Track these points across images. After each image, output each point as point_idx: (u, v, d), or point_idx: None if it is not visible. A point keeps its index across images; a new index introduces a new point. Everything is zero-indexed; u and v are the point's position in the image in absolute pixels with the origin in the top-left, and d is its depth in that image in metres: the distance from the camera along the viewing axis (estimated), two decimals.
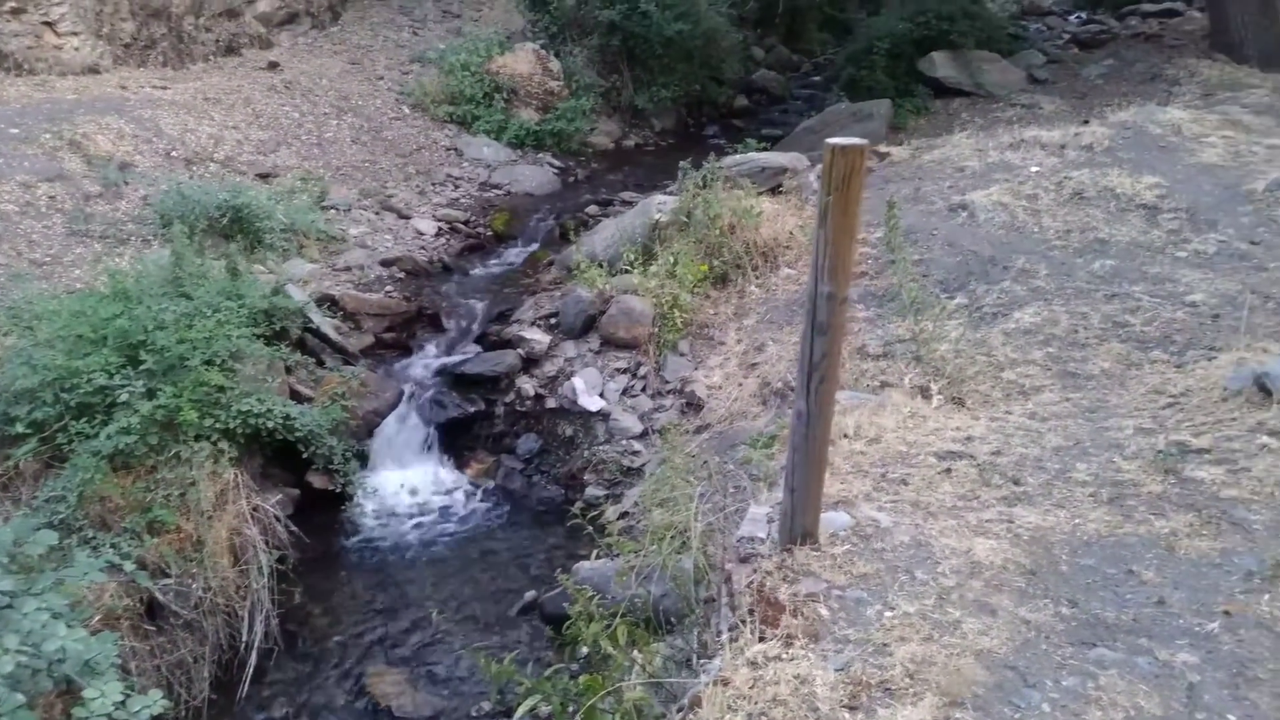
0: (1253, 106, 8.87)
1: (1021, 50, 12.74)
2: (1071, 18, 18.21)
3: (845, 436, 3.95)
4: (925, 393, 4.65)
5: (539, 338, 6.74)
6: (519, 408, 6.48)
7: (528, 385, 6.49)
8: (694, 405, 6.21)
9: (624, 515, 5.34)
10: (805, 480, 2.58)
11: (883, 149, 9.61)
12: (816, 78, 14.54)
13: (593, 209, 9.36)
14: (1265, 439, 3.46)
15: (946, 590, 2.53)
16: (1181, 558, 2.68)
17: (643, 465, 5.98)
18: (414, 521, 5.92)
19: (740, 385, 6.10)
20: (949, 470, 3.41)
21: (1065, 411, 4.47)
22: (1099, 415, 4.33)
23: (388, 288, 7.48)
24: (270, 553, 4.90)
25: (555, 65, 11.36)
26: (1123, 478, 3.24)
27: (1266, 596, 2.48)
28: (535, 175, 10.23)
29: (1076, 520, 2.93)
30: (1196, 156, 7.52)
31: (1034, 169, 7.73)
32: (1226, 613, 2.41)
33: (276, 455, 5.53)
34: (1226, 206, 6.69)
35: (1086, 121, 8.74)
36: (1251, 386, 4.07)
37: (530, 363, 6.64)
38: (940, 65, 11.43)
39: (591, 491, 5.96)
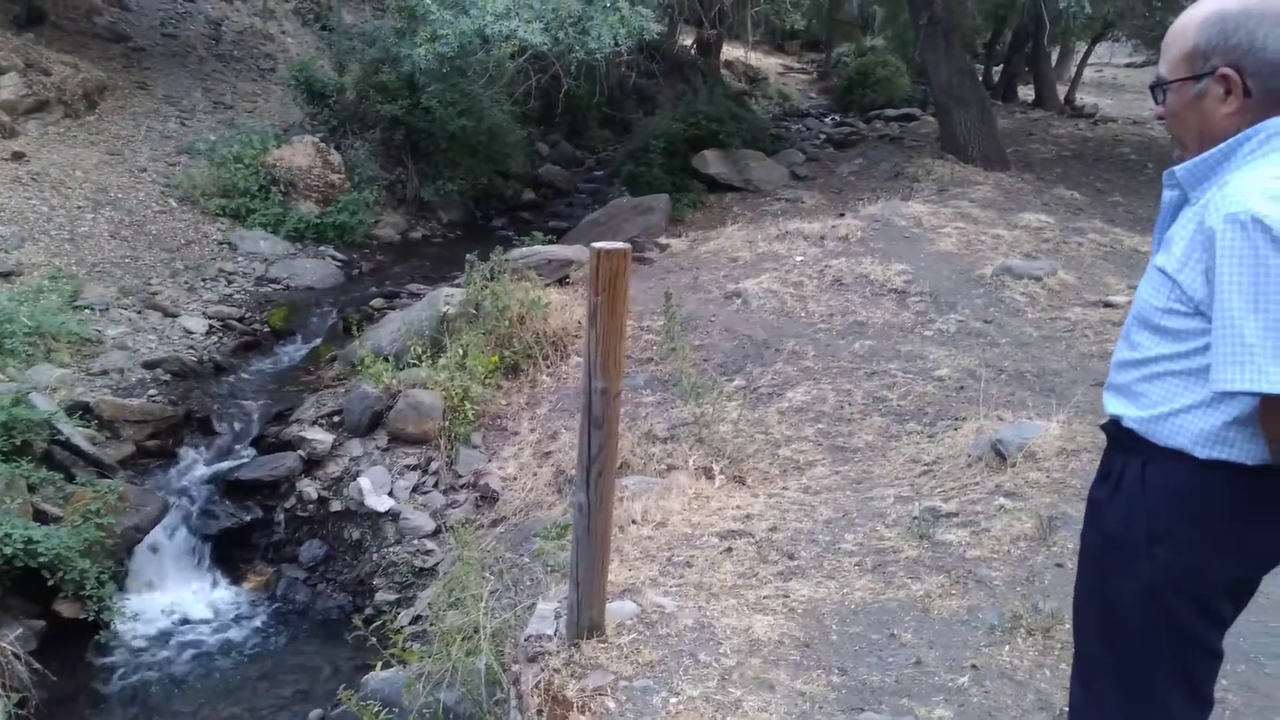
0: (979, 201, 10.06)
1: (784, 149, 13.85)
2: (827, 120, 20.07)
3: (634, 522, 4.02)
4: (709, 473, 4.83)
5: (322, 437, 6.45)
6: (301, 513, 6.14)
7: (310, 488, 6.18)
8: (488, 498, 6.12)
9: (417, 619, 5.13)
10: (590, 573, 2.61)
11: (663, 241, 10.08)
12: (599, 172, 15.11)
13: (378, 302, 9.17)
14: (1002, 500, 3.85)
15: (728, 670, 2.61)
16: (935, 618, 2.91)
17: (436, 565, 5.80)
18: (183, 646, 5.41)
19: (535, 475, 6.08)
20: (730, 549, 3.55)
21: (835, 484, 4.77)
22: (864, 486, 4.66)
23: (151, 391, 6.94)
24: (7, 697, 4.33)
25: (336, 158, 11.18)
26: (884, 545, 3.49)
27: (1007, 648, 2.73)
28: (317, 269, 9.92)
29: (845, 589, 3.12)
30: (936, 245, 8.39)
31: (799, 258, 8.35)
32: (974, 666, 2.63)
33: (17, 584, 4.93)
34: (963, 290, 7.48)
35: (842, 214, 9.56)
36: (990, 452, 4.53)
37: (312, 464, 6.33)
38: (712, 162, 12.21)
39: (382, 596, 5.70)
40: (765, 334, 6.99)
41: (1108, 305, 7.02)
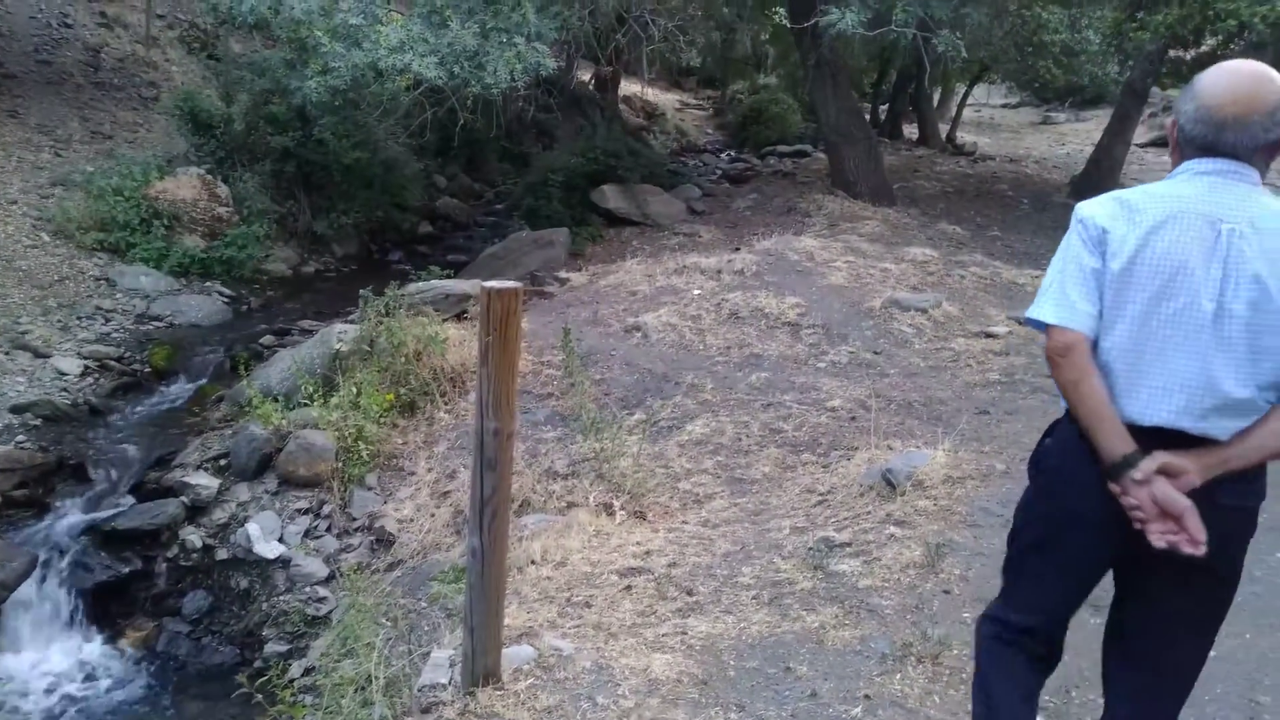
0: (868, 235, 10.41)
1: (681, 184, 14.08)
2: (723, 155, 20.52)
3: (533, 562, 3.98)
4: (609, 509, 4.82)
5: (207, 482, 6.18)
6: (184, 563, 5.85)
7: (194, 536, 5.90)
8: (384, 541, 5.96)
9: (309, 670, 4.95)
10: (485, 618, 2.56)
11: (563, 274, 10.09)
12: (499, 206, 15.06)
13: (269, 339, 8.89)
14: (892, 529, 3.95)
15: (626, 712, 2.60)
16: (829, 649, 2.96)
17: (330, 613, 5.60)
18: (56, 708, 5.07)
19: (433, 516, 5.96)
20: (629, 587, 3.54)
21: (734, 516, 4.82)
22: (762, 517, 4.72)
23: (19, 438, 6.54)
24: None
25: (224, 190, 10.83)
26: (781, 577, 3.54)
27: (898, 676, 2.80)
28: (203, 305, 9.56)
29: (742, 624, 3.15)
30: (827, 279, 8.63)
31: (696, 292, 8.47)
32: (867, 696, 2.69)
33: None
34: (854, 322, 7.70)
35: (738, 249, 9.76)
36: (881, 481, 4.65)
37: (197, 511, 6.05)
38: (611, 197, 12.32)
39: (272, 648, 5.46)
40: (665, 367, 7.05)
41: (989, 336, 7.33)
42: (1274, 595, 3.48)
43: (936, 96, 23.08)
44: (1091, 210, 1.92)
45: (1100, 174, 14.02)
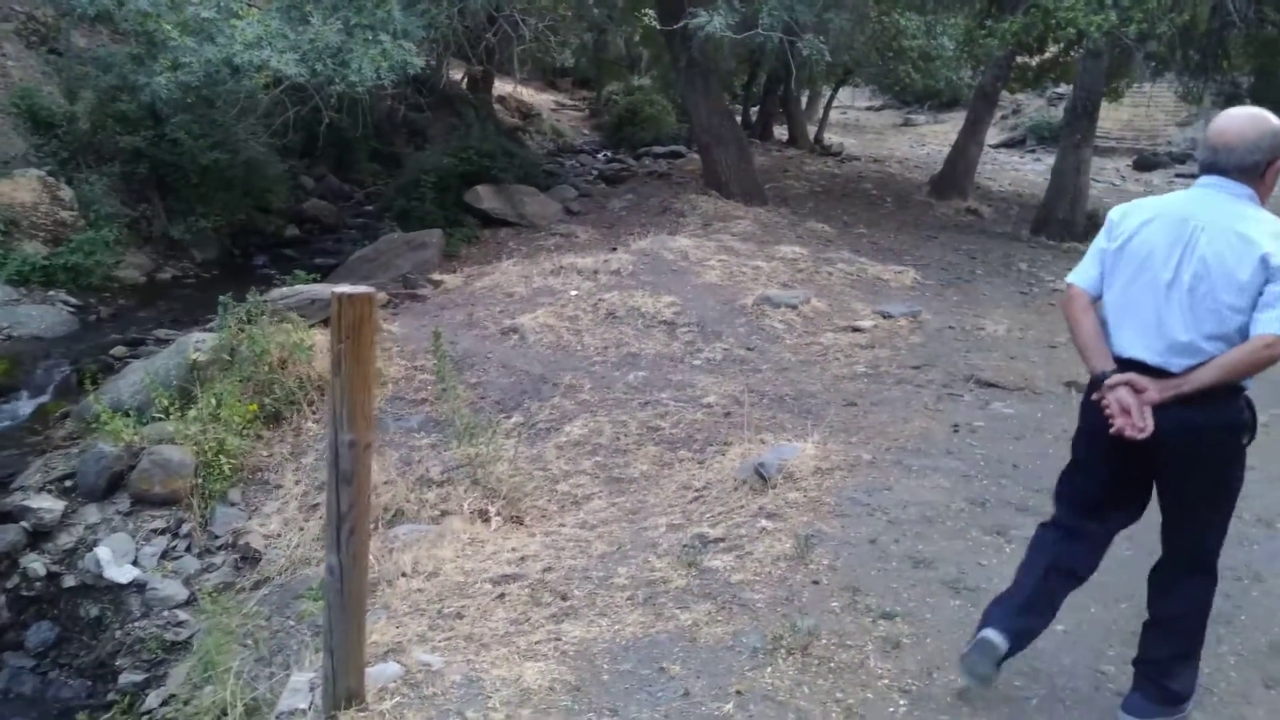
0: (740, 234, 10.60)
1: (557, 185, 14.02)
2: (599, 156, 20.54)
3: (404, 575, 3.87)
4: (484, 516, 4.73)
5: (50, 505, 5.77)
6: (26, 592, 5.44)
7: (37, 564, 5.50)
8: (250, 559, 5.69)
9: (169, 699, 4.67)
10: (345, 638, 2.46)
11: (437, 276, 9.89)
12: (370, 207, 14.64)
13: (120, 350, 8.37)
14: (764, 522, 4.02)
15: None
16: (702, 646, 2.98)
17: (190, 637, 5.31)
18: None
19: (301, 530, 5.72)
20: (503, 595, 3.48)
21: (611, 516, 4.81)
22: (639, 516, 4.73)
23: None
24: None
25: (68, 193, 10.14)
26: (655, 576, 3.54)
27: (769, 669, 2.83)
28: (45, 316, 8.93)
29: (616, 626, 3.13)
30: (702, 277, 8.75)
31: (573, 292, 8.44)
32: (739, 692, 2.71)
33: None
34: (727, 319, 7.83)
35: (614, 249, 9.77)
36: (754, 475, 4.73)
37: (40, 536, 5.64)
38: (485, 198, 12.15)
39: (128, 678, 5.13)
40: (542, 369, 6.99)
41: (856, 330, 7.57)
42: (1117, 569, 3.69)
43: (805, 99, 23.74)
44: (1115, 209, 2.67)
45: (956, 173, 14.69)
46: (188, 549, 5.82)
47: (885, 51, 18.05)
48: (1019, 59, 14.43)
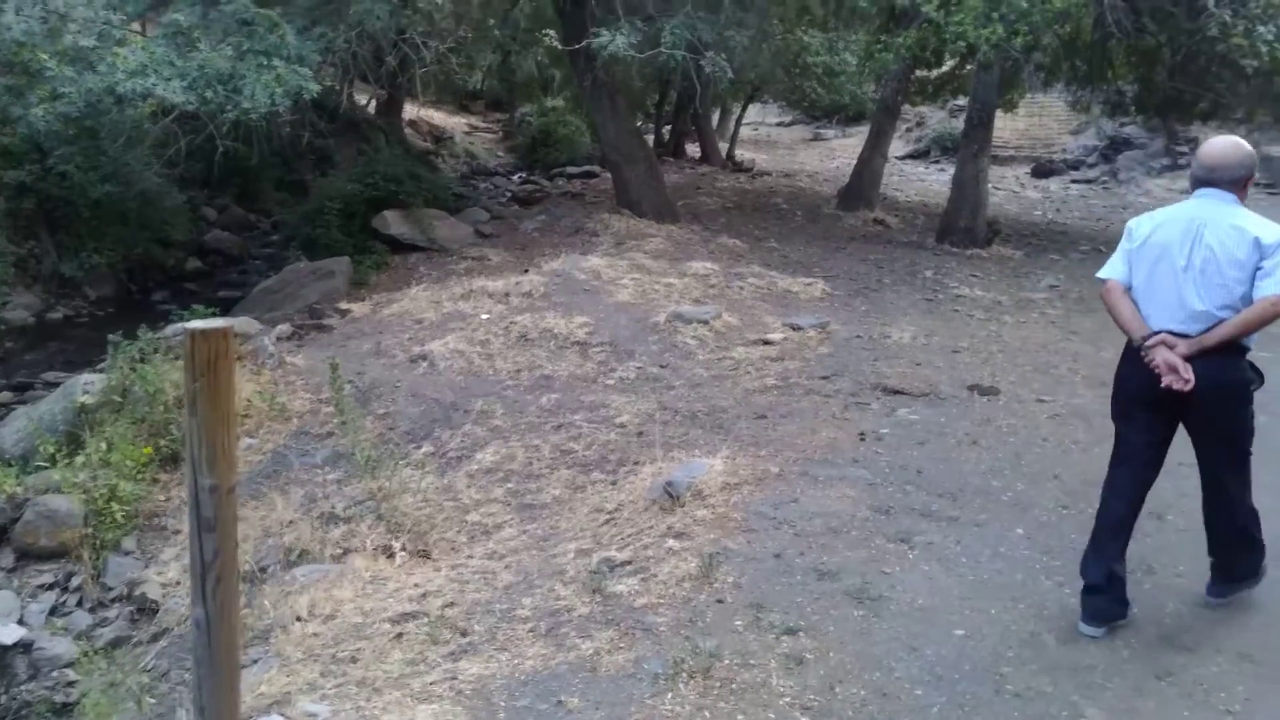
0: (652, 252, 10.61)
1: (468, 208, 13.87)
2: (513, 178, 20.44)
3: (299, 619, 3.71)
4: (389, 552, 4.59)
5: None
6: None
7: None
8: (147, 610, 5.42)
9: None
10: (215, 696, 2.31)
11: (344, 305, 9.66)
12: (275, 237, 14.27)
13: (5, 396, 7.97)
14: (671, 542, 3.97)
15: None
16: (603, 676, 2.91)
17: (82, 698, 5.02)
18: None
19: None
20: (400, 635, 3.36)
21: (522, 545, 4.71)
22: (550, 543, 4.64)
23: None
24: None
25: None
26: (559, 605, 3.46)
27: (670, 695, 2.78)
28: None
29: (516, 660, 3.05)
30: (614, 297, 8.72)
31: (485, 316, 8.33)
32: None
33: None
34: (640, 337, 7.80)
35: (526, 271, 9.68)
36: (663, 494, 4.69)
37: None
38: (393, 223, 11.94)
39: None
40: (453, 395, 6.86)
41: (766, 343, 7.62)
42: (1014, 570, 3.75)
43: (716, 116, 24.03)
44: (1132, 220, 3.45)
45: (863, 185, 14.99)
46: (79, 603, 5.52)
47: (791, 68, 18.40)
48: (917, 73, 14.82)
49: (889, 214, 14.90)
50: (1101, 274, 3.42)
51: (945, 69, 15.01)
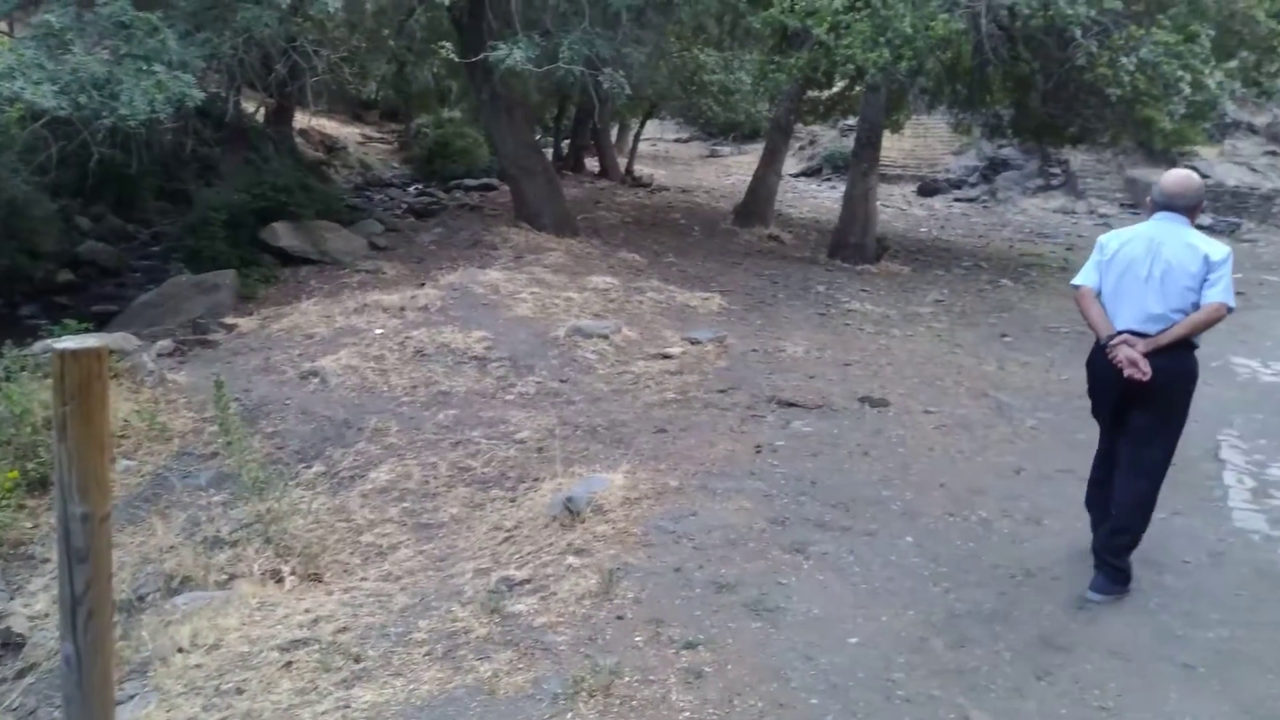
0: (552, 266, 10.59)
1: (362, 220, 13.56)
2: (409, 189, 20.11)
3: (180, 650, 3.54)
4: (277, 577, 4.43)
5: None
6: None
7: None
8: (11, 644, 5.08)
9: None
10: None
11: (230, 320, 9.31)
12: (156, 248, 13.67)
13: None
14: (571, 559, 3.95)
15: None
16: (501, 699, 2.87)
17: None
18: None
19: None
20: (290, 664, 3.24)
21: (418, 566, 4.61)
22: (447, 563, 4.56)
23: None
24: None
25: None
26: (457, 627, 3.40)
27: (570, 715, 2.77)
28: None
29: (412, 685, 2.98)
30: (513, 311, 8.65)
31: (379, 331, 8.14)
32: None
33: None
34: (540, 352, 7.76)
35: (423, 284, 9.52)
36: (564, 511, 4.66)
37: None
38: (283, 235, 11.58)
39: None
40: (346, 413, 6.68)
41: (666, 356, 7.68)
42: (904, 578, 3.87)
43: (615, 131, 24.19)
44: (1102, 236, 4.04)
45: (758, 202, 15.32)
46: None
47: (688, 85, 18.67)
48: (809, 93, 15.26)
49: (783, 230, 15.27)
50: (1076, 281, 4.01)
51: (836, 90, 15.48)
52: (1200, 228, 3.98)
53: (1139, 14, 10.36)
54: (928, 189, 23.27)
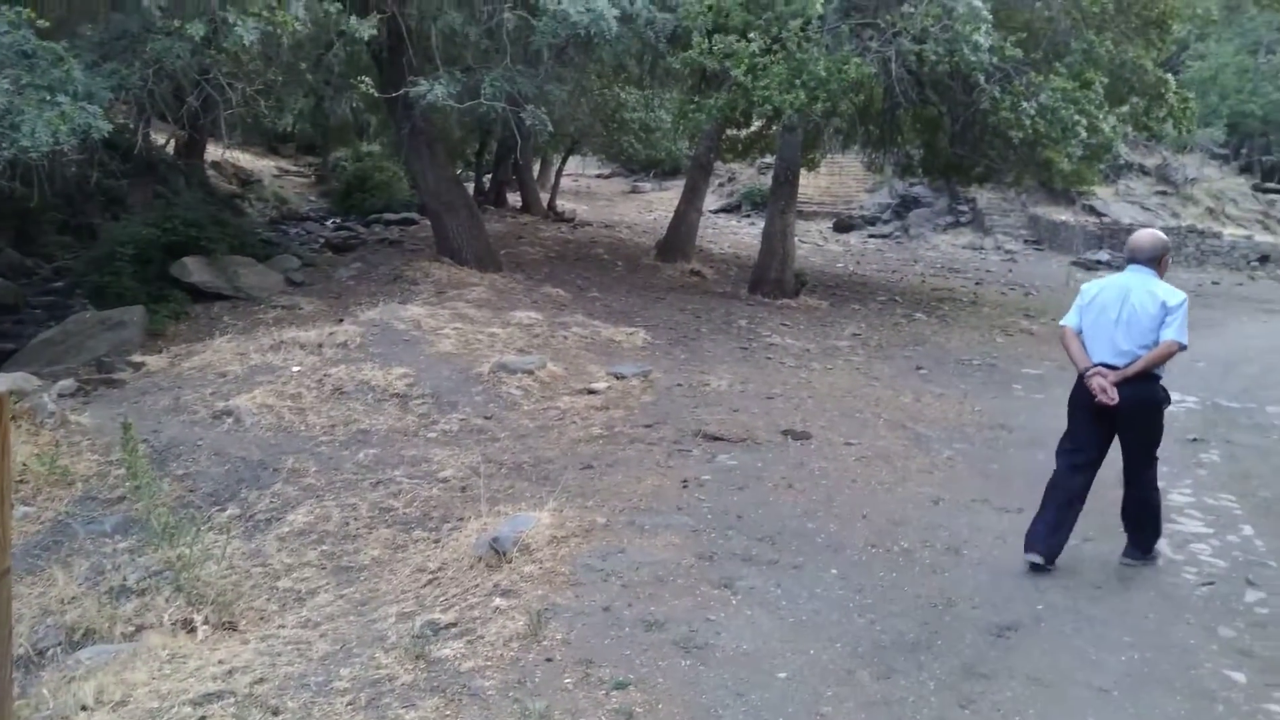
0: (475, 301, 10.52)
1: (278, 254, 13.26)
2: (327, 223, 19.77)
3: (84, 708, 3.36)
4: (189, 626, 4.25)
5: None
6: None
7: None
8: None
9: None
10: None
11: (138, 358, 8.99)
12: (58, 284, 13.12)
13: None
14: (498, 600, 3.89)
15: None
16: None
17: None
18: None
19: None
20: (203, 719, 3.10)
21: (339, 611, 4.48)
22: (369, 607, 4.44)
23: None
24: None
25: None
26: (380, 674, 3.31)
27: None
28: None
29: None
30: (435, 347, 8.55)
31: (296, 369, 7.95)
32: None
33: None
34: (464, 388, 7.68)
35: (341, 320, 9.34)
36: (489, 551, 4.59)
37: None
38: (195, 270, 11.24)
39: None
40: (261, 453, 6.49)
41: (591, 392, 7.68)
42: (831, 610, 3.92)
43: (537, 167, 24.26)
44: (1085, 284, 4.74)
45: (680, 238, 15.52)
46: None
47: (609, 122, 18.88)
48: (729, 132, 15.58)
49: (705, 265, 15.48)
50: (1062, 322, 4.72)
51: (754, 129, 15.85)
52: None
53: (1038, 62, 10.91)
54: (843, 225, 23.91)
